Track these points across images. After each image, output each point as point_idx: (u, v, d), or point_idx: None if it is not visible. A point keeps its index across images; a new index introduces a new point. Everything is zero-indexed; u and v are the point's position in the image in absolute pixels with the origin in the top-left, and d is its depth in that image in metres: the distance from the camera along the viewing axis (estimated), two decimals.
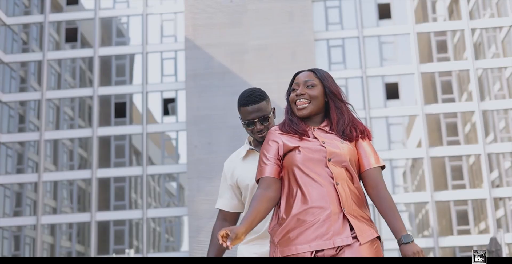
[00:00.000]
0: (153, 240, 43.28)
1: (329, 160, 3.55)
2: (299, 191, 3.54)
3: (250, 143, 4.18)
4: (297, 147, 3.59)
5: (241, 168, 4.10)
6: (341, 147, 3.59)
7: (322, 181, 3.52)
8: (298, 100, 3.66)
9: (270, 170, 3.60)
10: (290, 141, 3.62)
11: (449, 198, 41.26)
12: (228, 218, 4.19)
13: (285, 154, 3.61)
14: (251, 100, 4.04)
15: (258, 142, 4.12)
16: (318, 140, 3.61)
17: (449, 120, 42.64)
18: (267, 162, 3.62)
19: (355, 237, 3.47)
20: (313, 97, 3.66)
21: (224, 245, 3.34)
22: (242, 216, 4.18)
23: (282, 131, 3.66)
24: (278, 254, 3.54)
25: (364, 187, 3.62)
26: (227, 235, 3.35)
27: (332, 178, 3.52)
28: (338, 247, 3.45)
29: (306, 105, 3.65)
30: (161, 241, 43.43)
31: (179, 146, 43.96)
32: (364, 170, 3.62)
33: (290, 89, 3.73)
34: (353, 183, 3.58)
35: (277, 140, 3.65)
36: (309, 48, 42.94)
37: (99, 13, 45.98)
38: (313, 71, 3.75)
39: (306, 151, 3.57)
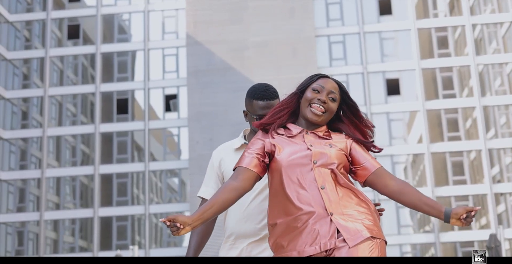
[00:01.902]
0: (155, 236, 43.47)
1: (315, 163, 3.49)
2: (285, 197, 3.47)
3: (245, 137, 4.04)
4: (283, 150, 3.53)
5: (231, 159, 3.95)
6: (328, 150, 3.53)
7: (307, 186, 3.45)
8: (316, 105, 3.59)
9: (246, 160, 3.55)
10: (278, 142, 3.57)
11: (450, 194, 41.35)
12: None
13: (270, 155, 3.56)
14: (267, 95, 3.90)
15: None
16: (306, 143, 3.55)
17: (450, 116, 42.72)
18: (246, 154, 3.57)
19: (344, 241, 3.37)
20: (331, 111, 3.61)
21: (173, 229, 3.25)
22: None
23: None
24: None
25: (381, 184, 3.53)
26: (172, 221, 3.26)
27: (317, 182, 3.45)
28: (327, 251, 3.38)
29: (322, 114, 3.59)
30: (163, 236, 43.62)
31: (180, 142, 44.10)
32: (372, 172, 3.55)
33: (308, 85, 3.66)
34: (344, 184, 3.50)
35: (264, 138, 3.61)
36: (310, 44, 43.01)
37: (101, 10, 46.10)
38: (339, 84, 3.68)
39: (292, 155, 3.51)
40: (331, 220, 3.40)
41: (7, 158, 44.25)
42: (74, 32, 46.34)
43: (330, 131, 3.66)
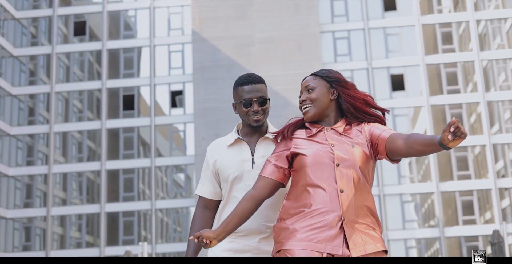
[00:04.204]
0: (161, 231, 43.66)
1: (338, 165, 3.51)
2: (304, 195, 3.52)
3: (238, 132, 3.98)
4: (305, 151, 3.56)
5: (224, 157, 3.91)
6: (351, 152, 3.54)
7: (327, 187, 3.49)
8: (302, 107, 3.68)
9: (264, 168, 3.65)
10: (300, 144, 3.61)
11: (455, 188, 41.48)
12: (209, 206, 3.96)
13: (294, 156, 3.60)
14: (251, 80, 3.88)
15: (249, 129, 3.95)
16: (328, 142, 3.57)
17: (454, 112, 42.81)
18: (266, 161, 3.67)
19: (348, 249, 3.44)
20: (313, 99, 3.64)
21: (202, 244, 3.47)
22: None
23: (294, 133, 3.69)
24: (273, 251, 3.58)
25: (396, 149, 3.47)
26: (200, 238, 3.47)
27: (338, 185, 3.49)
28: (328, 254, 3.43)
29: (308, 109, 3.65)
30: (169, 231, 43.81)
31: (186, 138, 44.26)
32: (386, 141, 3.52)
33: None
34: (362, 191, 3.53)
35: (284, 143, 3.67)
36: (315, 40, 43.13)
37: (107, 7, 46.25)
38: (314, 74, 3.72)
39: (314, 156, 3.53)
40: (342, 224, 3.46)
41: (14, 154, 44.47)
42: (80, 28, 46.51)
43: (352, 124, 3.67)
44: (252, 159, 3.86)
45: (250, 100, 3.85)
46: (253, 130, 3.93)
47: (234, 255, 3.81)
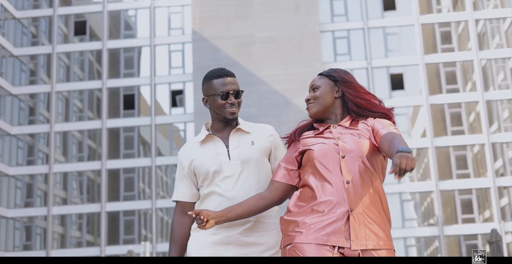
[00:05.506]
0: (161, 230, 43.78)
1: (343, 157, 3.51)
2: (311, 188, 3.53)
3: (208, 130, 3.94)
4: (312, 146, 3.58)
5: (198, 154, 3.85)
6: (356, 142, 3.55)
7: (333, 179, 3.49)
8: (307, 105, 3.73)
9: (277, 173, 3.68)
10: (307, 142, 3.63)
11: (454, 187, 41.59)
12: (187, 210, 3.86)
13: (303, 155, 3.63)
14: (226, 73, 3.86)
15: (221, 124, 3.92)
16: (334, 136, 3.59)
17: (453, 111, 42.94)
18: (278, 165, 3.71)
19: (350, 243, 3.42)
20: (317, 97, 3.67)
21: (198, 222, 3.48)
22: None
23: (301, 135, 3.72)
24: (282, 244, 3.56)
25: (382, 148, 3.45)
26: (198, 216, 3.49)
27: (344, 176, 3.49)
28: (334, 247, 3.43)
29: (311, 105, 3.69)
30: (169, 230, 43.84)
31: (187, 137, 44.33)
32: (381, 136, 3.51)
33: None
34: (370, 182, 3.53)
35: (296, 144, 3.71)
36: (315, 40, 43.24)
37: (108, 6, 46.36)
38: (320, 73, 3.77)
39: (320, 150, 3.55)
40: (348, 217, 3.44)
41: (15, 154, 44.57)
42: (80, 28, 46.61)
43: (359, 120, 3.67)
44: (228, 151, 3.82)
45: (227, 93, 3.83)
46: (224, 125, 3.91)
47: (217, 249, 3.75)
